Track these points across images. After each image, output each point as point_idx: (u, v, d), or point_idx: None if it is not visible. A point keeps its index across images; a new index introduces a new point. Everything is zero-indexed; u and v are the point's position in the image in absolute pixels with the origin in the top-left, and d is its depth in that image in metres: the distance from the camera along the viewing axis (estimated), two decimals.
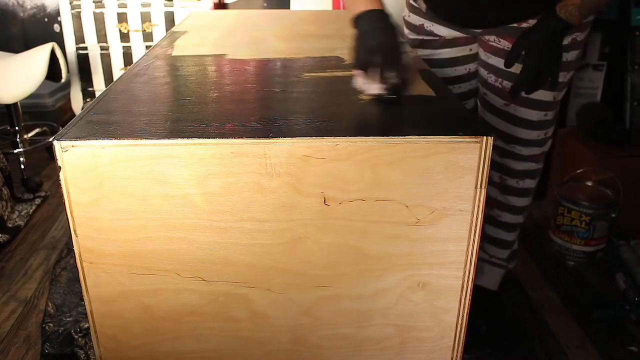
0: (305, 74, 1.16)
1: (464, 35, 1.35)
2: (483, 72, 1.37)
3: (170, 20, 2.63)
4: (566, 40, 1.22)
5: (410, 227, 0.88)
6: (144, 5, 2.61)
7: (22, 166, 2.41)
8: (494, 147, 1.36)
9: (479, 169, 0.85)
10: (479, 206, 0.87)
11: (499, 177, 1.45)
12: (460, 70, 1.41)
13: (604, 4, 1.16)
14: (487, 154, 0.84)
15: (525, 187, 1.46)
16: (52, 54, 2.27)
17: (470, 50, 1.38)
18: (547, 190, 2.28)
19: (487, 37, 1.31)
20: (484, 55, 1.35)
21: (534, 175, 1.45)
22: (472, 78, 1.43)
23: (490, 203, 1.48)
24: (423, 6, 1.34)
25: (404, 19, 1.46)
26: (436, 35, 1.38)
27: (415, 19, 1.40)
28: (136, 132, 0.84)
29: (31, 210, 2.20)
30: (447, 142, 0.83)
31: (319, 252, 0.89)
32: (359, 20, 1.00)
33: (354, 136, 0.82)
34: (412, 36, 1.43)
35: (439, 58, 1.41)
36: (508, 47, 1.25)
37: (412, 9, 1.41)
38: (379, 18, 0.98)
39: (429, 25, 1.38)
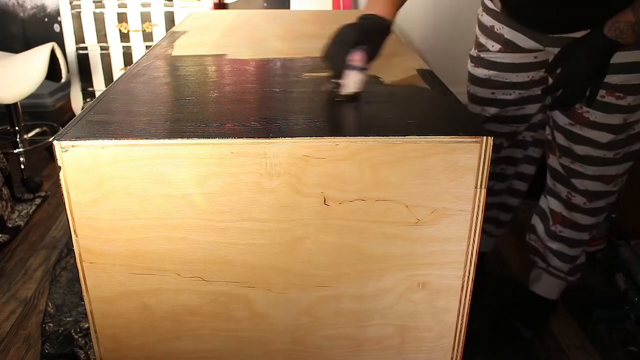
0: (305, 74, 1.16)
1: (530, 42, 1.33)
2: None
3: (170, 20, 2.63)
4: (627, 58, 1.18)
5: (410, 227, 0.88)
6: (144, 5, 2.61)
7: (22, 166, 2.41)
8: (562, 165, 1.38)
9: (479, 169, 0.85)
10: (479, 206, 0.87)
11: (567, 192, 1.41)
12: (523, 76, 1.38)
13: None
14: (487, 154, 0.84)
15: (594, 207, 1.40)
16: (52, 54, 2.27)
17: (535, 57, 1.35)
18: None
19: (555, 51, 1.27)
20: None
21: (604, 196, 1.39)
22: (535, 86, 1.40)
23: (554, 217, 1.46)
24: (498, 5, 1.32)
25: (478, 18, 1.45)
26: (504, 39, 1.36)
27: (487, 20, 1.39)
28: (136, 132, 0.84)
29: (31, 210, 2.20)
30: (447, 142, 0.83)
31: (319, 252, 0.89)
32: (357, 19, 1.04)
33: (354, 136, 0.82)
34: (482, 39, 1.42)
35: (501, 62, 1.39)
36: None
37: (486, 9, 1.40)
38: (364, 18, 1.03)
39: (499, 28, 1.36)
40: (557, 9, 1.18)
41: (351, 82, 0.98)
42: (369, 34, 1.00)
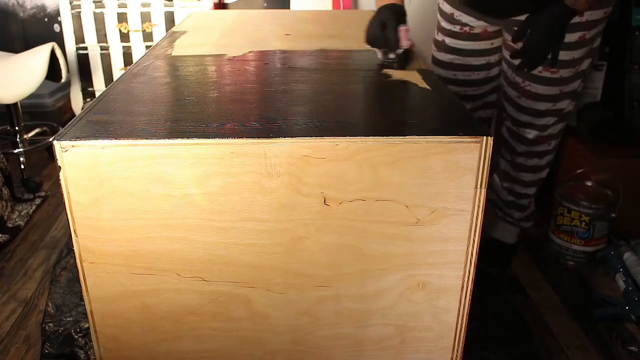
0: (306, 74, 1.16)
1: (488, 30, 1.52)
2: (504, 67, 1.57)
3: (170, 20, 2.63)
4: (573, 38, 1.39)
5: (410, 227, 0.88)
6: (144, 5, 2.61)
7: (22, 166, 2.41)
8: (509, 130, 1.64)
9: (479, 169, 0.85)
10: (479, 206, 0.87)
11: (510, 156, 1.69)
12: (481, 60, 1.58)
13: None
14: (487, 154, 0.84)
15: (533, 165, 1.68)
16: (52, 54, 2.27)
17: (492, 44, 1.55)
18: (547, 190, 2.27)
19: (507, 36, 1.49)
20: (505, 53, 1.54)
21: (540, 155, 1.67)
22: (490, 68, 1.60)
23: (505, 176, 1.75)
24: None
25: (438, 6, 1.62)
26: (464, 24, 1.54)
27: (447, 8, 1.56)
28: (136, 132, 0.84)
29: (31, 210, 2.20)
30: (447, 142, 0.83)
31: (319, 252, 0.89)
32: (377, 10, 1.25)
33: (354, 136, 0.82)
34: (444, 24, 1.59)
35: (464, 49, 1.58)
36: None
37: None
38: (385, 8, 1.23)
39: (458, 15, 1.53)
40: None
41: (403, 53, 1.20)
42: (402, 15, 1.24)
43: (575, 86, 1.53)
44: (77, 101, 2.77)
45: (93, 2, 2.60)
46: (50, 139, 0.86)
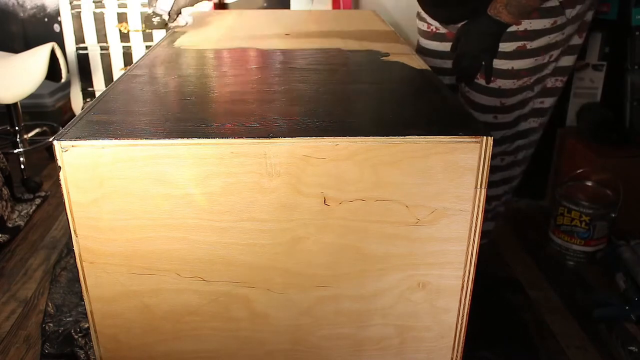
0: (306, 74, 1.16)
1: (453, 32, 1.45)
2: None
3: None
4: (511, 48, 1.33)
5: (410, 227, 0.88)
6: (144, 5, 2.61)
7: (22, 166, 2.41)
8: None
9: (479, 169, 0.85)
10: (479, 206, 0.87)
11: None
12: (449, 63, 1.48)
13: (533, 5, 1.21)
14: (487, 154, 0.84)
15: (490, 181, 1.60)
16: (52, 54, 2.27)
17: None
18: (547, 190, 2.28)
19: None
20: None
21: (495, 170, 1.56)
22: None
23: None
24: None
25: (417, 12, 1.59)
26: (429, 22, 1.52)
27: (419, 9, 1.55)
28: (136, 132, 0.84)
29: (31, 210, 2.20)
30: (447, 142, 0.83)
31: (319, 252, 0.89)
32: None
33: (354, 136, 0.82)
34: (418, 24, 1.59)
35: (434, 50, 1.54)
36: None
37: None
38: None
39: (424, 13, 1.53)
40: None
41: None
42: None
43: (522, 100, 1.42)
44: (77, 101, 2.77)
45: (93, 2, 2.60)
46: (50, 139, 0.85)
